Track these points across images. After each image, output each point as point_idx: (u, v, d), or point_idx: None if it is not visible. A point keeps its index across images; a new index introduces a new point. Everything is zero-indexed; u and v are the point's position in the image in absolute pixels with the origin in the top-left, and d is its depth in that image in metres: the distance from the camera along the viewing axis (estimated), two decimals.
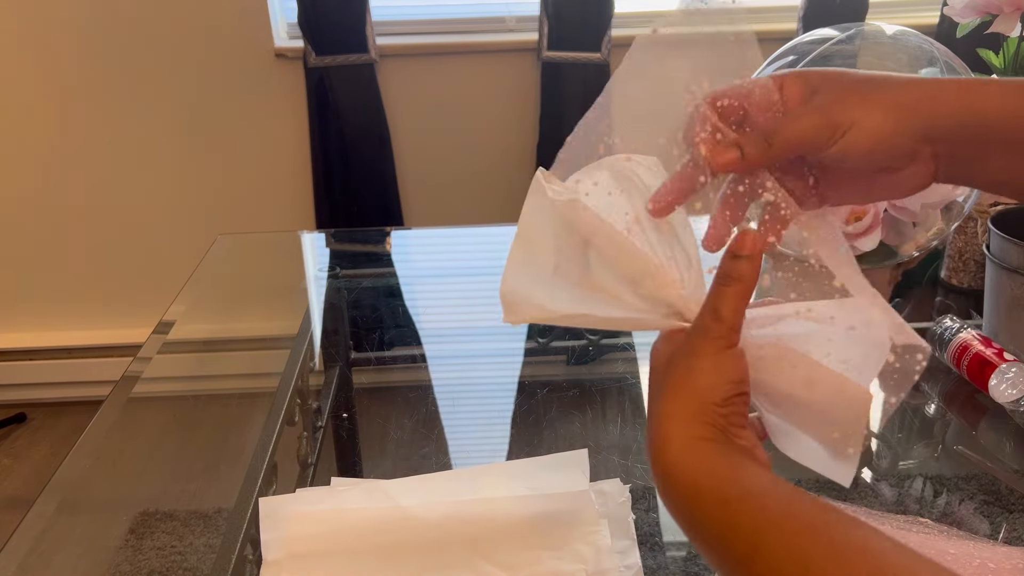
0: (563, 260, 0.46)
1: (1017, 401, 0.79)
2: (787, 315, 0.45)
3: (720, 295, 0.43)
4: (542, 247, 0.46)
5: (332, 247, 1.34)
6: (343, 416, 0.85)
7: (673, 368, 0.43)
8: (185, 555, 0.68)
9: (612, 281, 0.46)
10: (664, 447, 0.41)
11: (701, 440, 0.41)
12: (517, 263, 0.47)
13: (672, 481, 0.41)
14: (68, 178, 2.12)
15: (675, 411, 0.42)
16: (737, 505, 0.38)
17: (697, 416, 0.41)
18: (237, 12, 1.96)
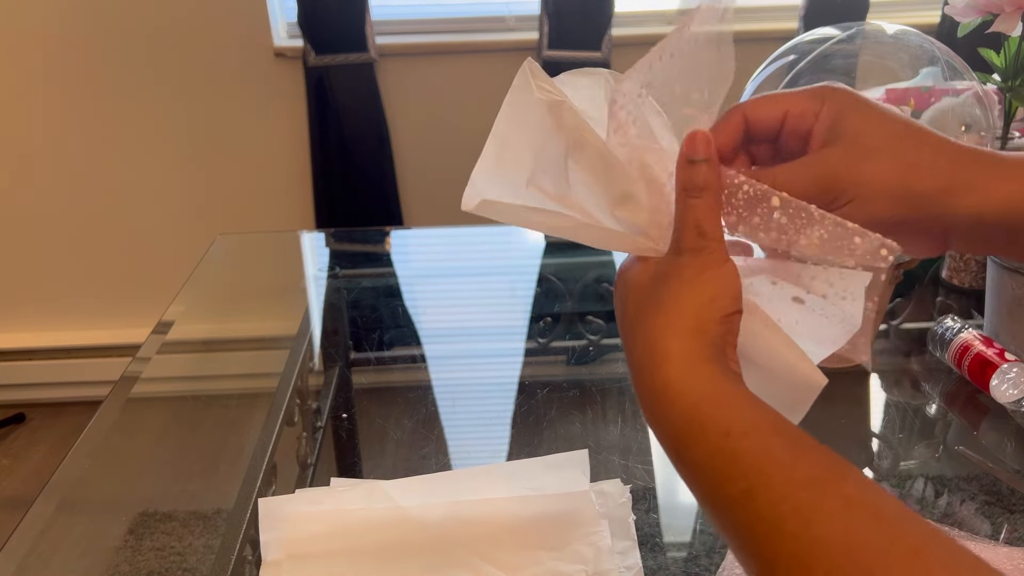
0: (539, 171, 0.43)
1: (1018, 401, 0.78)
2: (763, 270, 0.42)
3: (694, 209, 0.40)
4: (518, 153, 0.43)
5: (332, 247, 1.33)
6: (343, 416, 0.85)
7: (666, 285, 0.40)
8: (184, 556, 0.67)
9: (591, 201, 0.42)
10: (662, 363, 0.38)
11: (703, 360, 0.38)
12: (488, 167, 0.44)
13: (667, 402, 0.37)
14: (68, 178, 2.12)
15: (675, 325, 0.39)
16: (741, 440, 0.34)
17: (698, 333, 0.38)
18: (237, 11, 1.96)
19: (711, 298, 0.39)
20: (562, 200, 0.43)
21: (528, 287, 1.16)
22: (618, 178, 0.42)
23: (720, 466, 0.35)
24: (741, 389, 0.38)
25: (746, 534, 0.33)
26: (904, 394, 0.87)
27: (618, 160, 0.42)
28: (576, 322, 1.04)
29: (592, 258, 1.24)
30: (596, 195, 0.43)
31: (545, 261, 1.23)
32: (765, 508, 0.32)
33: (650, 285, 0.41)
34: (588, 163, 0.42)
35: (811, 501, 0.31)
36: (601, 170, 0.42)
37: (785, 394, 0.42)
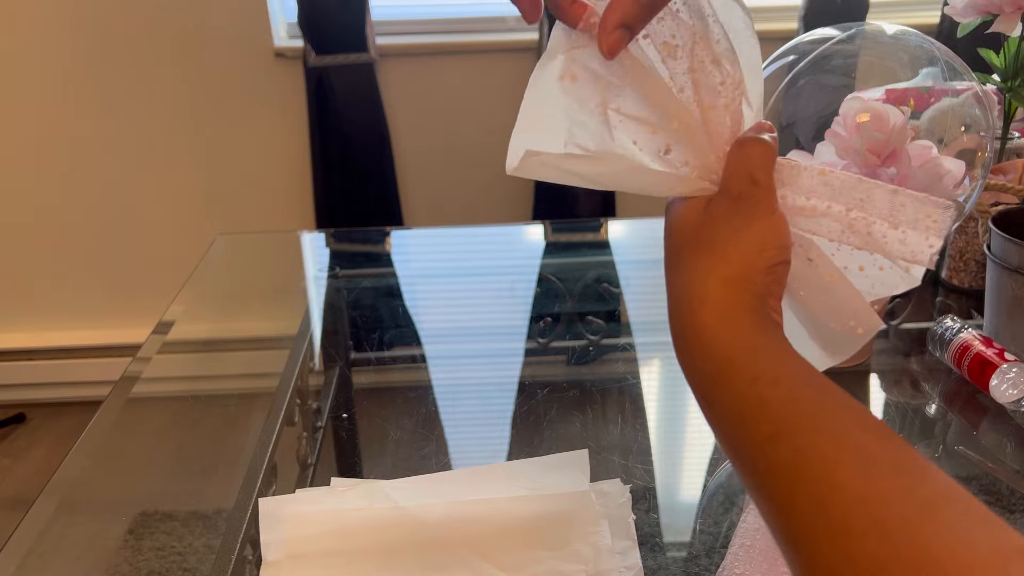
0: (576, 129, 0.42)
1: (1018, 401, 0.78)
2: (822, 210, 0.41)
3: (749, 157, 0.40)
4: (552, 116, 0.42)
5: (332, 247, 1.33)
6: (343, 416, 0.85)
7: (713, 228, 0.40)
8: (185, 555, 0.67)
9: (638, 146, 0.42)
10: (700, 307, 0.38)
11: (742, 308, 0.38)
12: (525, 129, 0.43)
13: (700, 347, 0.38)
14: (67, 177, 2.12)
15: (717, 271, 0.39)
16: (769, 387, 0.35)
17: (742, 282, 0.38)
18: (237, 12, 1.96)
19: (759, 248, 0.39)
20: (610, 153, 0.42)
21: (528, 287, 1.16)
22: (670, 107, 0.41)
23: (747, 410, 0.35)
24: (777, 340, 0.38)
25: (766, 476, 0.33)
26: (904, 394, 0.87)
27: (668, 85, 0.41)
28: (576, 322, 1.04)
29: (592, 258, 1.24)
30: (644, 137, 0.42)
31: (545, 261, 1.23)
32: (788, 453, 0.33)
33: (697, 224, 0.41)
34: (632, 100, 0.42)
35: (833, 450, 0.32)
36: (651, 102, 0.41)
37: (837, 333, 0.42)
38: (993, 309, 0.87)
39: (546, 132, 0.43)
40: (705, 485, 0.75)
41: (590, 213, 2.12)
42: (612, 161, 0.42)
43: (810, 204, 0.41)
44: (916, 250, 0.40)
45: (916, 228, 0.40)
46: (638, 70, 0.42)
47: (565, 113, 0.42)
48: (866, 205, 0.41)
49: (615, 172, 0.42)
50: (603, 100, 0.42)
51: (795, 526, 0.31)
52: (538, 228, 1.49)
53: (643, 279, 1.17)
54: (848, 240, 0.41)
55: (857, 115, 0.72)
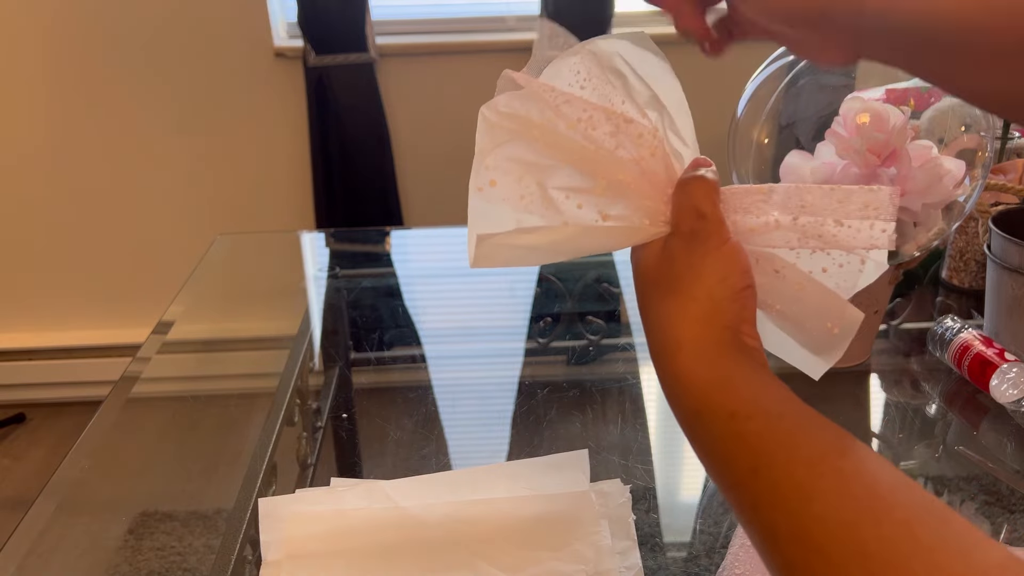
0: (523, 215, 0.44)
1: (1018, 401, 0.78)
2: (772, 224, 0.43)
3: (692, 196, 0.42)
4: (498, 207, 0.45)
5: (332, 247, 1.33)
6: (343, 416, 0.85)
7: (672, 269, 0.41)
8: (184, 556, 0.67)
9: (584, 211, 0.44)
10: (676, 352, 0.40)
11: (715, 345, 0.39)
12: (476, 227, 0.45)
13: (681, 389, 0.39)
14: (67, 178, 2.12)
15: (687, 312, 0.40)
16: (746, 422, 0.36)
17: (711, 318, 0.40)
18: (236, 11, 1.96)
19: (721, 278, 0.40)
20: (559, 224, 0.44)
21: (528, 287, 1.16)
22: (604, 169, 0.43)
23: (727, 446, 0.36)
24: (752, 370, 0.39)
25: (751, 509, 0.34)
26: (904, 394, 0.87)
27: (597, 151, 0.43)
28: (576, 322, 1.04)
29: (592, 258, 1.24)
30: (589, 201, 0.44)
31: None
32: (767, 486, 0.34)
33: (658, 267, 0.42)
34: (568, 174, 0.44)
35: (810, 479, 0.33)
36: (586, 170, 0.43)
37: (818, 337, 0.43)
38: (993, 309, 0.87)
39: (494, 220, 0.45)
40: (705, 485, 0.75)
41: None
42: (564, 227, 0.44)
43: (760, 221, 0.43)
44: (871, 237, 0.41)
45: (863, 217, 0.41)
46: (565, 146, 0.43)
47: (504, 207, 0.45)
48: (808, 209, 0.42)
49: (569, 237, 0.44)
50: (540, 182, 0.44)
51: (782, 557, 0.32)
52: None
53: None
54: (806, 244, 0.42)
55: (857, 115, 0.72)
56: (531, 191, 0.44)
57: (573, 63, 0.45)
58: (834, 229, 0.42)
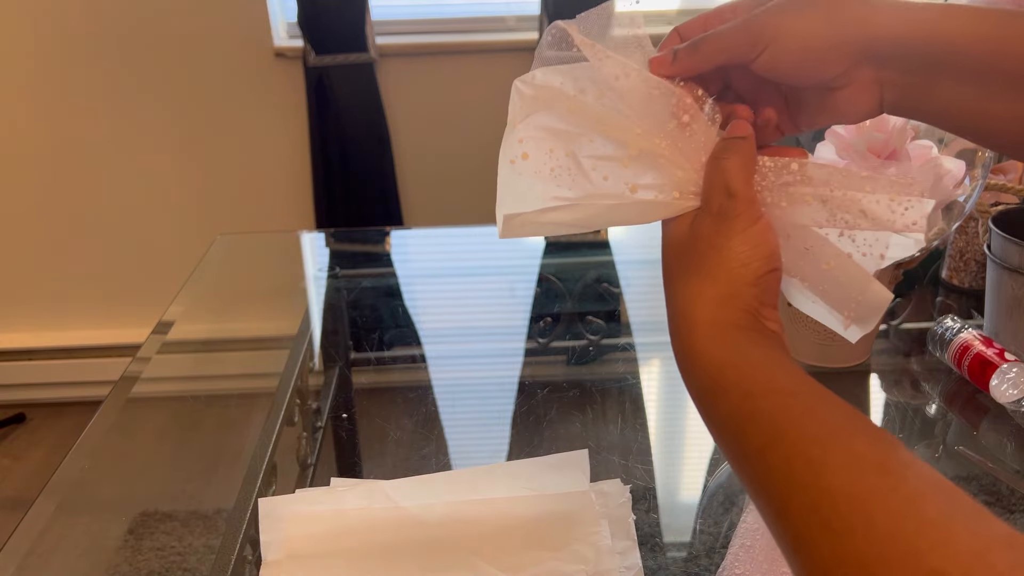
0: (552, 184, 0.44)
1: (1018, 401, 0.78)
2: (804, 200, 0.43)
3: (723, 171, 0.41)
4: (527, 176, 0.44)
5: (331, 247, 1.33)
6: (343, 416, 0.85)
7: (696, 248, 0.41)
8: (184, 556, 0.67)
9: (615, 181, 0.43)
10: (692, 331, 0.40)
11: (731, 327, 0.40)
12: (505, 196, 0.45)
13: (696, 368, 0.40)
14: (67, 178, 2.12)
15: (706, 293, 0.40)
16: (760, 400, 0.37)
17: (729, 300, 0.40)
18: (236, 11, 1.96)
19: (743, 262, 0.40)
20: (588, 196, 0.44)
21: (528, 287, 1.16)
22: (636, 136, 0.43)
23: (741, 423, 0.37)
24: (767, 352, 0.39)
25: (763, 483, 0.35)
26: (904, 394, 0.87)
27: (629, 117, 0.43)
28: (576, 322, 1.04)
29: (592, 258, 1.24)
30: (618, 172, 0.43)
31: (545, 261, 1.23)
32: (780, 461, 0.34)
33: (684, 244, 0.42)
34: (599, 142, 0.43)
35: (821, 456, 0.33)
36: (617, 138, 0.43)
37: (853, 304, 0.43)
38: (993, 309, 0.87)
39: (523, 195, 0.44)
40: (705, 485, 0.75)
41: None
42: (592, 202, 0.43)
43: (794, 196, 0.42)
44: (903, 217, 0.42)
45: (901, 192, 0.42)
46: (598, 115, 0.43)
47: (535, 180, 0.44)
48: (840, 185, 0.42)
49: (597, 213, 0.44)
50: (571, 151, 0.43)
51: (791, 530, 0.33)
52: None
53: (643, 279, 1.17)
54: (834, 223, 0.42)
55: None
56: (561, 163, 0.44)
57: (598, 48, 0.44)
58: (859, 218, 0.42)
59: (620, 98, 0.43)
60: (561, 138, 0.44)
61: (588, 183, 0.43)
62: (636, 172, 0.43)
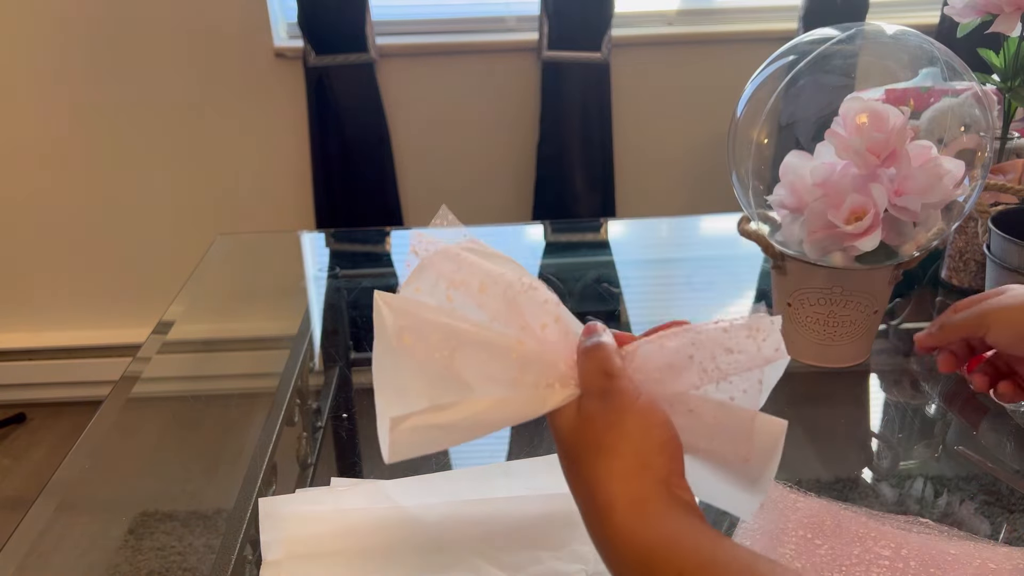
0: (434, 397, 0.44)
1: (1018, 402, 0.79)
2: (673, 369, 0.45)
3: (595, 360, 0.44)
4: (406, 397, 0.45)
5: (332, 247, 1.34)
6: (343, 416, 0.85)
7: (595, 427, 0.42)
8: (185, 555, 0.67)
9: (496, 385, 0.44)
10: (610, 513, 0.39)
11: (648, 501, 0.39)
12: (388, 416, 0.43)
13: (622, 550, 0.39)
14: (68, 178, 2.12)
15: (615, 468, 0.40)
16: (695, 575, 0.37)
17: (641, 472, 0.40)
18: (237, 12, 1.96)
19: (643, 430, 0.41)
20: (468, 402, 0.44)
21: None
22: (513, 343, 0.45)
23: None
24: (689, 522, 0.39)
25: None
26: (904, 394, 0.87)
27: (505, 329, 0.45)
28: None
29: (592, 258, 1.24)
30: (497, 374, 0.44)
31: (545, 261, 1.23)
32: None
33: (579, 428, 0.43)
34: (477, 356, 0.44)
35: None
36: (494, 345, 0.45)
37: (751, 448, 0.44)
38: None
39: (406, 399, 0.44)
40: None
41: (590, 213, 2.12)
42: (478, 401, 0.44)
43: (662, 367, 0.45)
44: (762, 356, 0.44)
45: (751, 338, 0.44)
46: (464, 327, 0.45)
47: (416, 384, 0.44)
48: (699, 346, 0.44)
49: (486, 410, 0.44)
50: (447, 362, 0.44)
51: None
52: (538, 228, 1.49)
53: (643, 279, 1.17)
54: (707, 379, 0.44)
55: (857, 115, 0.72)
56: (438, 368, 0.45)
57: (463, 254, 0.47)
58: (727, 358, 0.44)
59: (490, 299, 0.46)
60: (436, 348, 0.45)
61: (469, 389, 0.44)
62: (514, 370, 0.44)
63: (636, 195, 2.17)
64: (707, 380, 0.44)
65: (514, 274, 0.47)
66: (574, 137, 2.04)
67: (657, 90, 2.07)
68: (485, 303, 0.46)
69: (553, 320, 0.46)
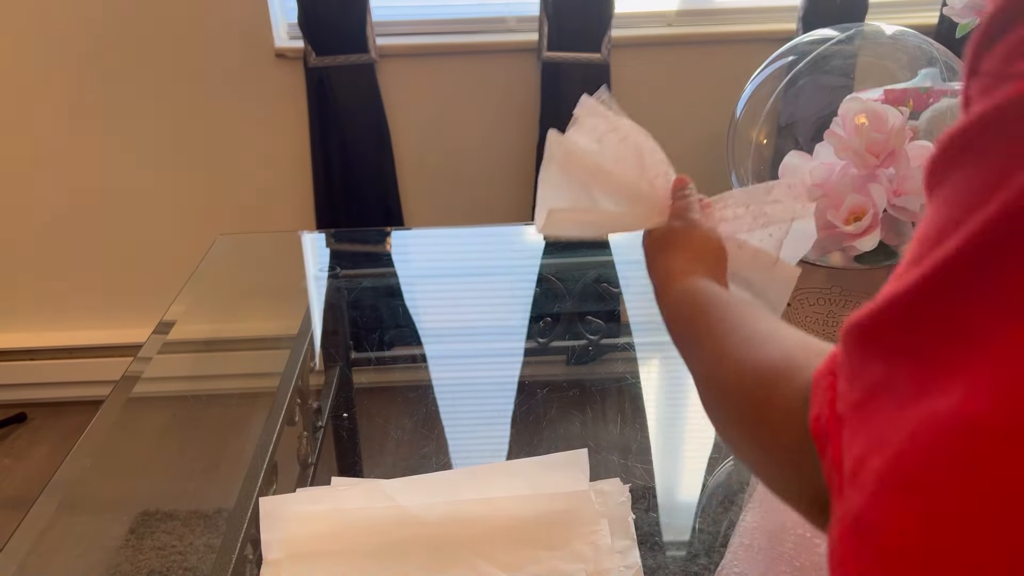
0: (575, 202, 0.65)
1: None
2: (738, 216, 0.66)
3: (682, 199, 0.64)
4: (556, 198, 0.65)
5: (332, 247, 1.34)
6: (343, 416, 0.85)
7: (674, 237, 0.61)
8: (185, 555, 0.68)
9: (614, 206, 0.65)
10: (669, 280, 0.58)
11: (698, 275, 0.57)
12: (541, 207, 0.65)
13: (670, 299, 0.57)
14: (68, 177, 2.12)
15: (679, 258, 0.59)
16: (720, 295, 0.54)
17: (696, 262, 0.59)
18: (237, 12, 1.96)
19: (703, 243, 0.61)
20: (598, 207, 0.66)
21: (528, 287, 1.16)
22: (632, 184, 0.66)
23: (697, 304, 0.53)
24: (716, 287, 0.56)
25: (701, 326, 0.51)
26: None
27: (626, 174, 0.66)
28: (576, 322, 1.04)
29: (592, 258, 1.24)
30: (616, 199, 0.65)
31: (545, 261, 1.23)
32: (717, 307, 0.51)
33: (663, 238, 0.63)
34: (607, 187, 0.65)
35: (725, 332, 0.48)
36: (620, 180, 0.66)
37: (767, 290, 0.64)
38: None
39: (557, 202, 0.65)
40: (704, 484, 0.75)
41: None
42: (603, 212, 0.66)
43: (725, 214, 0.66)
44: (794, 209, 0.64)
45: (791, 188, 0.65)
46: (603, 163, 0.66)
47: (567, 193, 0.65)
48: (754, 197, 0.66)
49: (606, 219, 0.67)
50: (587, 184, 0.65)
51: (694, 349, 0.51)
52: None
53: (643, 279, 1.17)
54: (757, 224, 0.65)
55: (856, 116, 0.72)
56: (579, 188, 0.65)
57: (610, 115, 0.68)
58: (772, 206, 0.65)
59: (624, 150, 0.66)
60: (583, 176, 0.65)
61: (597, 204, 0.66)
62: (628, 200, 0.66)
63: None
64: (756, 225, 0.64)
65: (643, 137, 0.66)
66: None
67: (657, 90, 2.07)
68: (622, 152, 0.66)
69: (663, 174, 0.66)
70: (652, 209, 0.65)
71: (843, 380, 0.30)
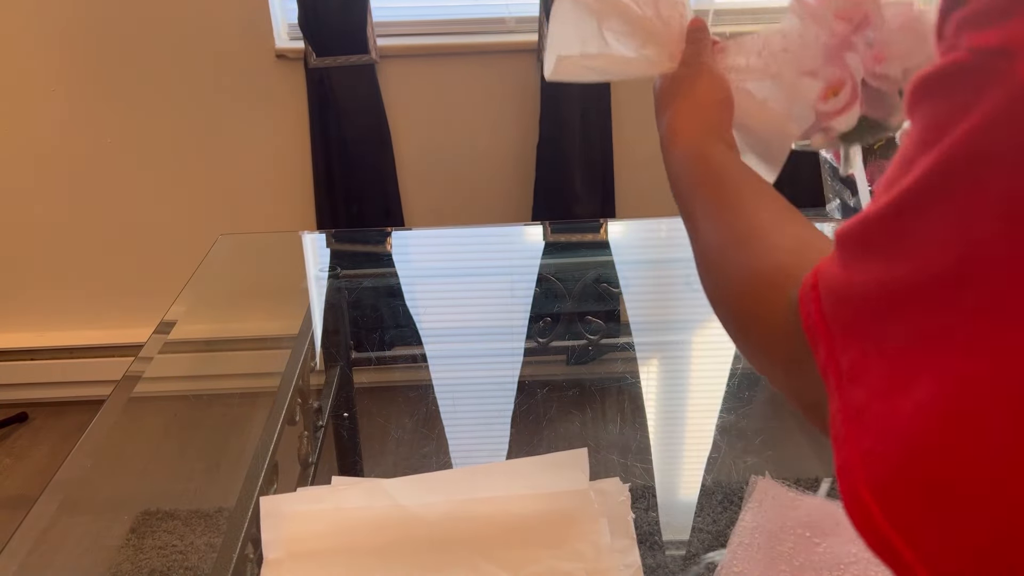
0: (585, 46, 0.63)
1: None
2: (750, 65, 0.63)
3: (697, 43, 0.62)
4: (567, 39, 0.63)
5: (333, 247, 1.34)
6: (344, 415, 0.86)
7: (682, 83, 0.60)
8: (186, 554, 0.68)
9: (625, 49, 0.63)
10: (675, 136, 0.58)
11: (702, 133, 0.57)
12: (551, 49, 0.63)
13: (676, 155, 0.57)
14: (70, 178, 2.13)
15: (684, 108, 0.59)
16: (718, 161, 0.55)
17: (700, 112, 0.58)
18: (238, 13, 1.97)
19: (708, 89, 0.59)
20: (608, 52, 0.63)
21: (528, 287, 1.16)
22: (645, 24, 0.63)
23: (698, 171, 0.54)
24: (723, 147, 0.56)
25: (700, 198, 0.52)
26: None
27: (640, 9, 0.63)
28: (576, 322, 1.04)
29: (592, 258, 1.24)
30: (628, 42, 0.63)
31: (545, 261, 1.23)
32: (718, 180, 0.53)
33: (672, 84, 0.62)
34: (620, 24, 0.63)
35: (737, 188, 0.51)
36: (632, 21, 0.63)
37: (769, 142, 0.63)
38: None
39: (567, 47, 0.62)
40: (704, 484, 0.76)
41: (590, 213, 2.12)
42: (613, 57, 0.62)
43: (736, 62, 0.63)
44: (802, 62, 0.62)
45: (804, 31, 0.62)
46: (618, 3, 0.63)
47: (577, 33, 0.62)
48: (767, 43, 0.62)
49: (616, 64, 0.63)
50: (598, 24, 0.62)
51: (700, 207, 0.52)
52: (538, 228, 1.49)
53: (643, 279, 1.17)
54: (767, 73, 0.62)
55: None
56: (593, 28, 0.63)
57: None
58: (783, 55, 0.62)
59: None
60: (594, 16, 0.63)
61: (608, 47, 0.63)
62: (640, 43, 0.63)
63: (636, 195, 2.17)
64: (766, 75, 0.62)
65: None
66: (574, 138, 2.04)
67: None
68: None
69: (679, 15, 0.63)
70: (663, 52, 0.63)
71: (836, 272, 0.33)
